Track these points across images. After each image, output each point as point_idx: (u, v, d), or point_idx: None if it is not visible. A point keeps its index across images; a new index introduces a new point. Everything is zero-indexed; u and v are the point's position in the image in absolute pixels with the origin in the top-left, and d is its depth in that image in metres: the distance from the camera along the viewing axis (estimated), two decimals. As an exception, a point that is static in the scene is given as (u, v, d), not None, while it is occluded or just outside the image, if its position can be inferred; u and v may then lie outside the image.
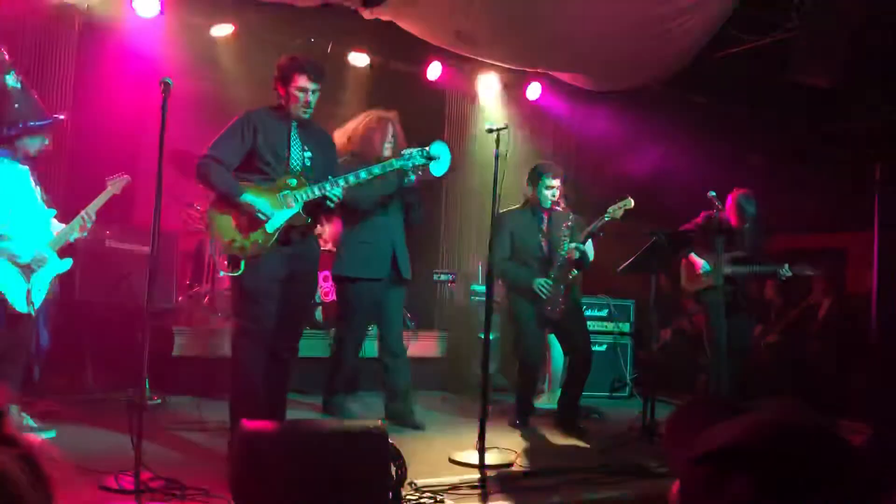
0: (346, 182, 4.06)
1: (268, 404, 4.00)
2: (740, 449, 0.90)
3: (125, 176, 4.50)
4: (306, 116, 4.10)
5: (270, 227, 3.95)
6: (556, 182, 5.18)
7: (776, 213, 7.08)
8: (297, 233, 4.06)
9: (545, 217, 5.25)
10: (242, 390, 3.98)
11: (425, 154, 4.38)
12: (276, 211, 3.95)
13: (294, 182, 4.02)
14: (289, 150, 4.07)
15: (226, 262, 4.00)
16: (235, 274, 3.92)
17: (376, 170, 4.23)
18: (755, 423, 0.94)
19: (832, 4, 5.66)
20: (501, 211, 5.16)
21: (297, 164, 4.08)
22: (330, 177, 4.03)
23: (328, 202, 4.02)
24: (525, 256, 5.20)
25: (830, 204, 7.33)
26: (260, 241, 3.94)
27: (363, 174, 4.14)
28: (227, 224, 3.96)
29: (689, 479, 0.96)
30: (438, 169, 4.60)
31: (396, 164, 4.34)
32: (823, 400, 6.21)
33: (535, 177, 5.22)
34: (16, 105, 4.16)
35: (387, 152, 4.79)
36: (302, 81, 4.03)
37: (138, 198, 5.71)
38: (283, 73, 4.07)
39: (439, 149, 4.52)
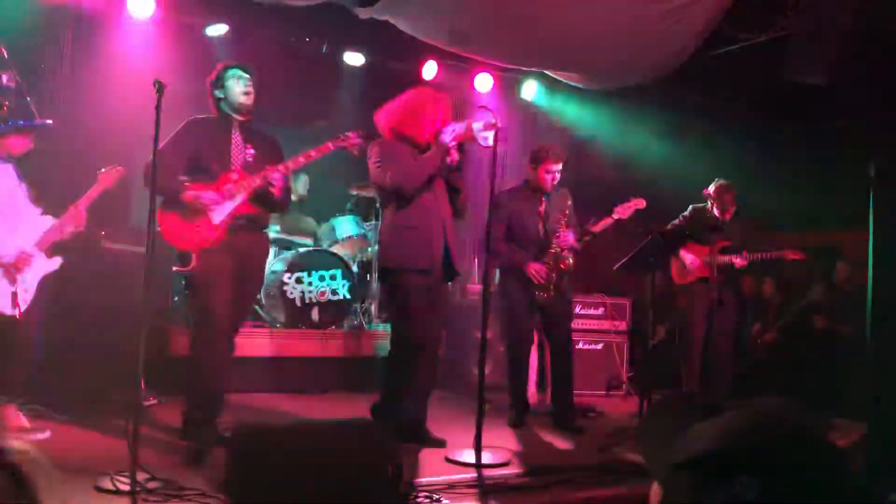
0: (286, 168, 4.15)
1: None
2: (722, 454, 0.89)
3: (118, 167, 4.47)
4: (249, 102, 4.26)
5: (215, 220, 4.09)
6: (558, 166, 5.17)
7: (770, 211, 7.09)
8: (244, 227, 4.17)
9: (543, 199, 5.24)
10: (199, 387, 4.12)
11: (361, 134, 4.30)
12: (220, 204, 4.08)
13: (235, 176, 4.15)
14: (231, 148, 4.22)
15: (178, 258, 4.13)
16: (186, 269, 4.07)
17: (313, 153, 4.22)
18: (735, 426, 0.93)
19: (827, 3, 5.66)
20: (500, 190, 5.16)
21: (240, 161, 4.21)
22: (269, 166, 4.13)
23: (270, 187, 4.11)
24: (521, 237, 5.19)
25: (826, 201, 7.34)
26: (206, 235, 4.08)
27: (301, 157, 4.19)
28: (176, 221, 4.06)
29: (671, 485, 0.96)
30: (485, 140, 4.30)
31: (332, 144, 4.25)
32: (820, 398, 6.21)
33: (537, 159, 5.20)
34: (6, 104, 4.16)
35: (428, 135, 4.46)
36: (232, 72, 4.27)
37: (133, 198, 5.70)
38: (216, 78, 4.30)
39: (482, 118, 4.33)
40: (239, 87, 4.25)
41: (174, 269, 4.05)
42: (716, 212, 5.86)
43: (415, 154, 4.41)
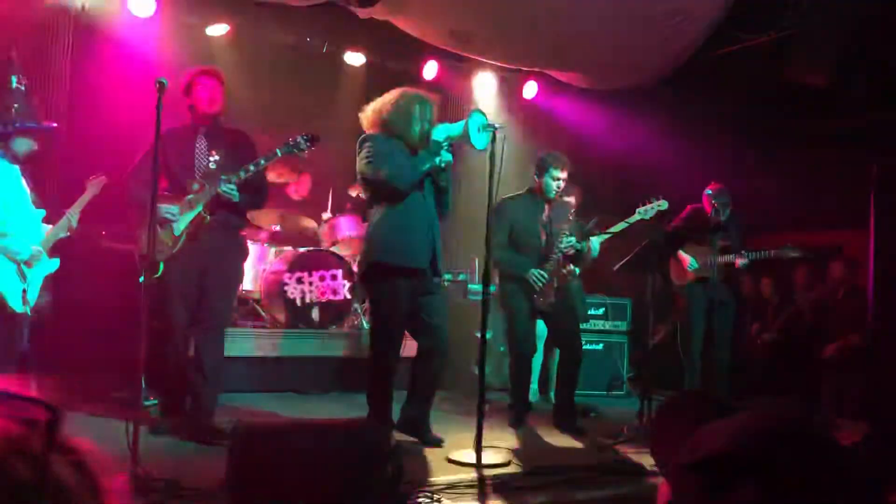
0: (238, 177, 4.22)
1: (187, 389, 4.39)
2: (734, 455, 0.90)
3: (102, 177, 4.63)
4: (214, 109, 4.39)
5: (177, 230, 4.27)
6: (563, 174, 5.16)
7: (773, 211, 7.09)
8: (205, 233, 4.30)
9: (547, 207, 5.23)
10: (164, 386, 4.44)
11: (307, 138, 4.34)
12: (181, 215, 4.26)
13: (196, 186, 4.28)
14: (193, 157, 4.35)
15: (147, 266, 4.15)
16: (156, 275, 4.10)
17: (262, 161, 4.31)
18: (747, 427, 0.93)
19: (829, 3, 5.66)
20: (503, 197, 5.14)
21: (202, 169, 4.34)
22: (222, 175, 4.23)
23: (230, 196, 4.22)
24: (523, 245, 5.17)
25: (827, 201, 7.34)
26: (169, 244, 4.25)
27: (252, 167, 4.26)
28: (146, 231, 4.17)
29: (682, 485, 0.96)
30: (480, 142, 4.26)
31: (280, 152, 4.33)
32: (821, 399, 6.21)
33: (543, 166, 5.18)
34: (15, 106, 4.22)
35: (417, 134, 4.42)
36: (201, 81, 4.37)
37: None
38: (186, 86, 4.39)
39: (476, 120, 4.28)
40: (204, 93, 4.35)
41: (141, 279, 4.09)
42: (713, 213, 5.86)
43: (406, 152, 4.40)
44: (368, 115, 4.50)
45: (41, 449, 0.80)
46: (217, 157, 4.36)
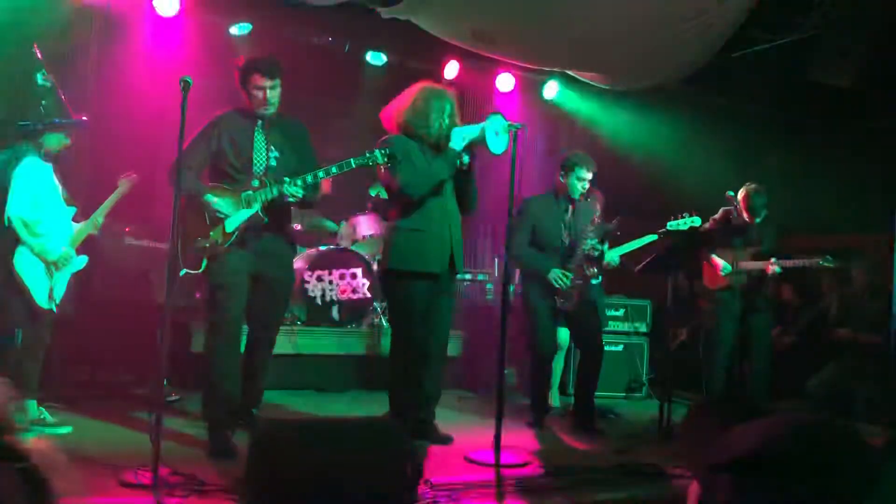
0: (304, 181, 4.07)
1: (241, 393, 4.20)
2: (764, 456, 0.89)
3: (133, 175, 4.61)
4: (268, 112, 4.20)
5: (229, 227, 4.08)
6: (589, 175, 5.15)
7: (795, 214, 7.02)
8: (259, 233, 4.16)
9: (571, 208, 5.22)
10: (210, 383, 4.07)
11: (385, 153, 4.11)
12: (236, 211, 4.08)
13: (256, 183, 4.12)
14: (252, 151, 4.19)
15: (188, 261, 4.08)
16: (197, 272, 4.06)
17: (333, 169, 4.12)
18: (777, 428, 0.93)
19: (853, 4, 5.61)
20: (526, 197, 5.15)
21: (261, 166, 4.17)
22: (286, 177, 4.08)
23: (290, 199, 4.10)
24: (545, 245, 5.16)
25: (850, 204, 7.26)
26: (218, 241, 4.07)
27: (321, 173, 4.13)
28: (191, 223, 4.07)
29: (711, 485, 0.96)
30: (498, 146, 4.26)
31: (354, 162, 4.11)
32: (838, 402, 6.15)
33: (569, 166, 5.17)
34: (42, 102, 4.26)
35: (436, 131, 4.40)
36: (256, 80, 4.14)
37: (157, 195, 5.74)
38: (241, 76, 4.20)
39: (495, 123, 4.26)
40: (260, 98, 4.15)
41: (183, 271, 4.05)
42: (745, 216, 5.78)
43: (425, 152, 4.39)
44: (388, 114, 4.51)
45: None
46: (277, 154, 4.22)
